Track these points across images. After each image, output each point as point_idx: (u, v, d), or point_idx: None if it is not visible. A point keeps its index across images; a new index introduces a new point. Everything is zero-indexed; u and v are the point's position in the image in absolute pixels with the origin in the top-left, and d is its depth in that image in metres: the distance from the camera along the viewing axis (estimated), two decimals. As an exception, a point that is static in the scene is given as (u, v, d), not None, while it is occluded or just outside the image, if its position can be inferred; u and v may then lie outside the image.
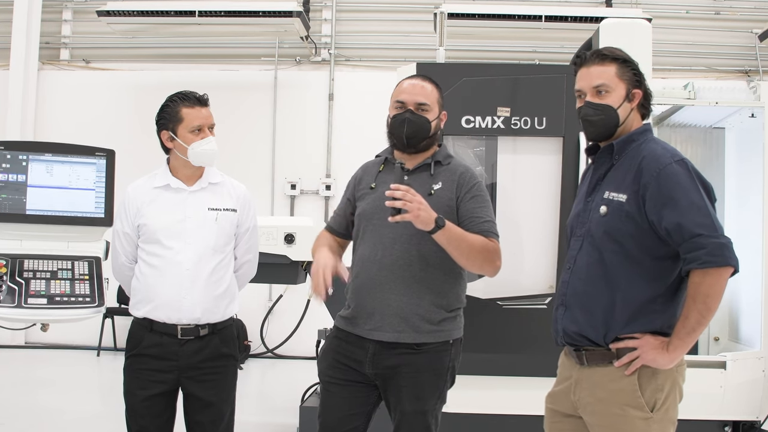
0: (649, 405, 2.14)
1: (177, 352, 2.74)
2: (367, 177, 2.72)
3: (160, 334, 2.76)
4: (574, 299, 2.25)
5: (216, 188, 2.87)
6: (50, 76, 8.20)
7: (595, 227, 2.22)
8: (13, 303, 3.00)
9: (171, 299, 2.73)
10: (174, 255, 2.74)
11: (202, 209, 2.80)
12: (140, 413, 2.77)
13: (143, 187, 2.86)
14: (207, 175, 2.86)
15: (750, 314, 4.32)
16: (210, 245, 2.78)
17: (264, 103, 8.00)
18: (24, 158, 3.29)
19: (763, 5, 7.87)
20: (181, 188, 2.82)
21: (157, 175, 2.88)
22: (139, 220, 2.80)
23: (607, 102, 2.25)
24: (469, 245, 2.48)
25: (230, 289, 2.87)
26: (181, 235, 2.76)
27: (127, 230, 2.83)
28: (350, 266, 2.69)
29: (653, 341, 2.13)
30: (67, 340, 7.63)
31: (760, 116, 4.20)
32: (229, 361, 2.85)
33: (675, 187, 2.11)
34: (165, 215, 2.78)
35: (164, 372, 2.75)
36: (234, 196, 2.89)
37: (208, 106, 2.83)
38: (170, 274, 2.73)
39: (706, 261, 2.05)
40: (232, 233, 2.86)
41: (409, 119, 2.60)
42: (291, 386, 4.95)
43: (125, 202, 2.86)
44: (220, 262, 2.81)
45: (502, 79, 4.08)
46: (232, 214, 2.85)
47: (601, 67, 2.25)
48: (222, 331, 2.83)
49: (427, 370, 2.53)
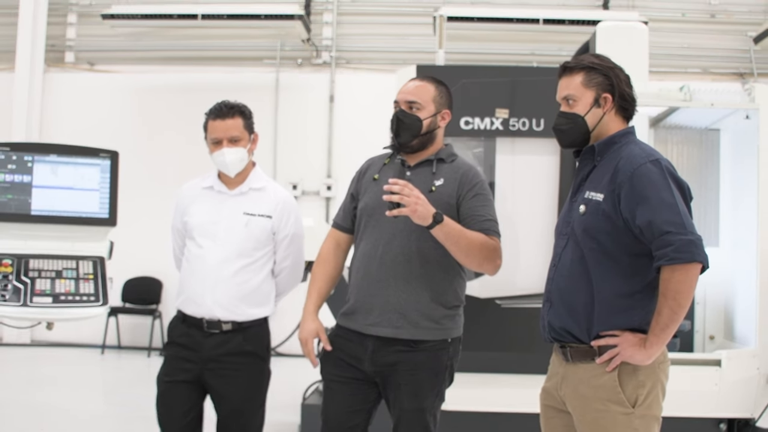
0: (630, 401, 2.17)
1: (201, 343, 2.83)
2: (372, 169, 2.73)
3: (189, 325, 2.87)
4: (558, 295, 2.30)
5: (257, 194, 2.93)
6: (55, 78, 8.24)
7: (577, 226, 2.27)
8: (18, 302, 3.03)
9: (196, 294, 2.85)
10: (204, 253, 2.85)
11: (237, 213, 2.88)
12: (164, 398, 2.87)
13: (193, 187, 3.00)
14: (250, 180, 2.94)
15: (745, 313, 4.33)
16: (236, 248, 2.84)
17: (265, 104, 8.04)
18: (29, 159, 3.34)
19: (757, 8, 7.89)
20: (222, 191, 2.93)
21: (208, 176, 2.99)
22: (185, 216, 2.95)
23: (575, 110, 2.31)
24: (468, 242, 2.48)
25: (260, 292, 2.90)
26: (212, 235, 2.86)
27: (178, 226, 2.99)
28: (351, 260, 2.72)
29: (632, 338, 2.17)
30: (72, 338, 7.67)
31: (755, 118, 4.21)
32: (252, 359, 2.88)
33: (647, 186, 2.15)
34: (203, 215, 2.90)
35: (188, 361, 2.84)
36: (273, 203, 2.93)
37: (235, 117, 2.87)
38: (198, 271, 2.85)
39: (674, 257, 2.09)
40: (265, 239, 2.90)
41: (398, 117, 2.62)
42: (292, 384, 4.97)
43: (178, 199, 3.02)
44: (246, 266, 2.85)
45: (501, 81, 4.10)
46: (266, 221, 2.90)
47: (568, 78, 2.33)
48: (247, 330, 2.87)
49: (425, 368, 2.54)
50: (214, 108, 2.89)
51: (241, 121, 2.89)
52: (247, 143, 2.91)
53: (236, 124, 2.87)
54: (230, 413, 2.86)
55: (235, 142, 2.86)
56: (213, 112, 2.88)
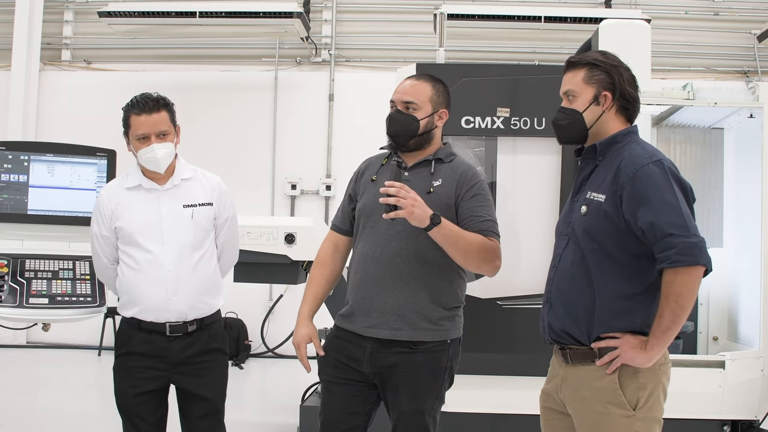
0: (631, 403, 2.16)
1: (167, 348, 2.76)
2: (370, 170, 2.71)
3: (149, 331, 2.76)
4: (558, 296, 2.29)
5: (189, 183, 2.85)
6: (51, 76, 8.20)
7: (577, 226, 2.26)
8: (14, 303, 3.02)
9: (157, 302, 2.73)
10: (154, 258, 2.73)
11: (176, 207, 2.79)
12: (133, 411, 2.78)
13: (116, 190, 2.84)
14: (178, 172, 2.84)
15: (749, 314, 4.33)
16: (188, 244, 2.77)
17: (264, 103, 8.01)
18: (25, 158, 3.31)
19: (761, 6, 7.87)
20: (153, 188, 2.80)
21: (128, 176, 2.85)
22: (115, 222, 2.78)
23: (574, 106, 2.30)
24: (466, 243, 2.46)
25: (215, 282, 2.87)
26: (158, 236, 2.75)
27: (105, 233, 2.81)
28: (350, 262, 2.70)
29: (632, 340, 2.15)
30: (69, 339, 7.62)
31: (759, 116, 4.21)
32: (219, 356, 2.87)
33: (649, 187, 2.13)
34: (141, 216, 2.77)
35: (155, 369, 2.76)
36: (209, 189, 2.87)
37: (161, 111, 2.75)
38: (153, 277, 2.73)
39: (676, 260, 2.07)
40: (210, 227, 2.85)
41: (393, 117, 2.60)
42: (291, 386, 4.96)
43: (99, 206, 2.83)
44: (200, 259, 2.80)
45: (502, 79, 4.09)
46: (208, 209, 2.84)
47: (570, 74, 2.32)
48: (210, 326, 2.84)
49: (424, 369, 2.53)
50: (138, 102, 2.74)
51: (167, 114, 2.77)
52: (173, 137, 2.80)
53: (163, 118, 2.76)
54: (206, 413, 2.82)
55: (163, 137, 2.75)
56: (137, 106, 2.73)
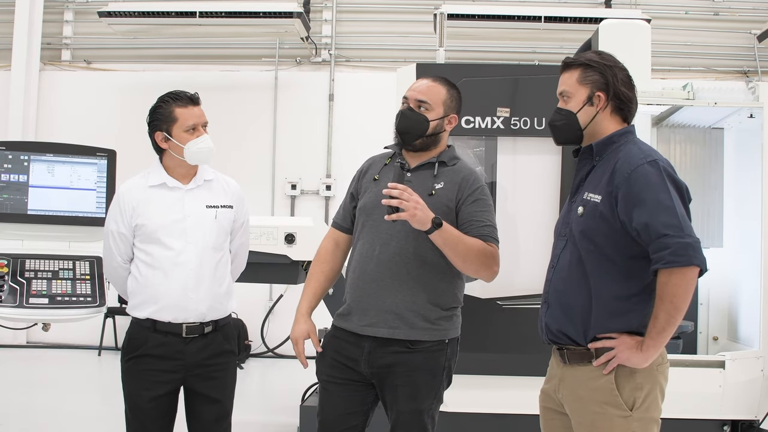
0: (628, 404, 2.16)
1: (183, 351, 2.74)
2: (373, 169, 2.72)
3: (164, 333, 2.73)
4: (555, 297, 2.29)
5: (211, 185, 2.86)
6: (52, 76, 8.19)
7: (575, 227, 2.26)
8: (14, 303, 3.01)
9: (177, 300, 2.71)
10: (176, 255, 2.72)
11: (200, 207, 2.79)
12: (146, 414, 2.75)
13: (137, 187, 2.81)
14: (201, 173, 2.85)
15: (749, 314, 4.32)
16: (210, 244, 2.78)
17: (264, 103, 8.01)
18: (25, 158, 3.31)
19: (761, 6, 7.87)
20: (177, 187, 2.80)
21: (150, 174, 2.83)
22: (136, 220, 2.75)
23: (568, 107, 2.31)
24: (466, 248, 2.47)
25: (230, 285, 2.89)
26: (182, 234, 2.74)
27: (123, 230, 2.77)
28: (349, 260, 2.70)
29: (629, 341, 2.15)
30: (69, 339, 7.62)
31: (759, 116, 4.20)
32: (231, 358, 2.87)
33: (644, 188, 2.13)
34: (164, 214, 2.75)
35: (170, 372, 2.74)
36: (229, 193, 2.89)
37: (200, 105, 2.82)
38: (174, 275, 2.71)
39: (670, 261, 2.07)
40: (229, 229, 2.87)
41: (405, 114, 2.60)
42: (291, 386, 4.95)
43: (120, 203, 2.80)
44: (220, 260, 2.82)
45: (502, 79, 4.09)
46: (229, 211, 2.85)
47: (566, 74, 2.33)
48: (224, 328, 2.84)
49: (422, 369, 2.53)
50: (180, 95, 2.78)
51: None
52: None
53: (203, 111, 2.82)
54: (219, 416, 2.82)
55: (205, 128, 2.80)
56: (182, 98, 2.78)
